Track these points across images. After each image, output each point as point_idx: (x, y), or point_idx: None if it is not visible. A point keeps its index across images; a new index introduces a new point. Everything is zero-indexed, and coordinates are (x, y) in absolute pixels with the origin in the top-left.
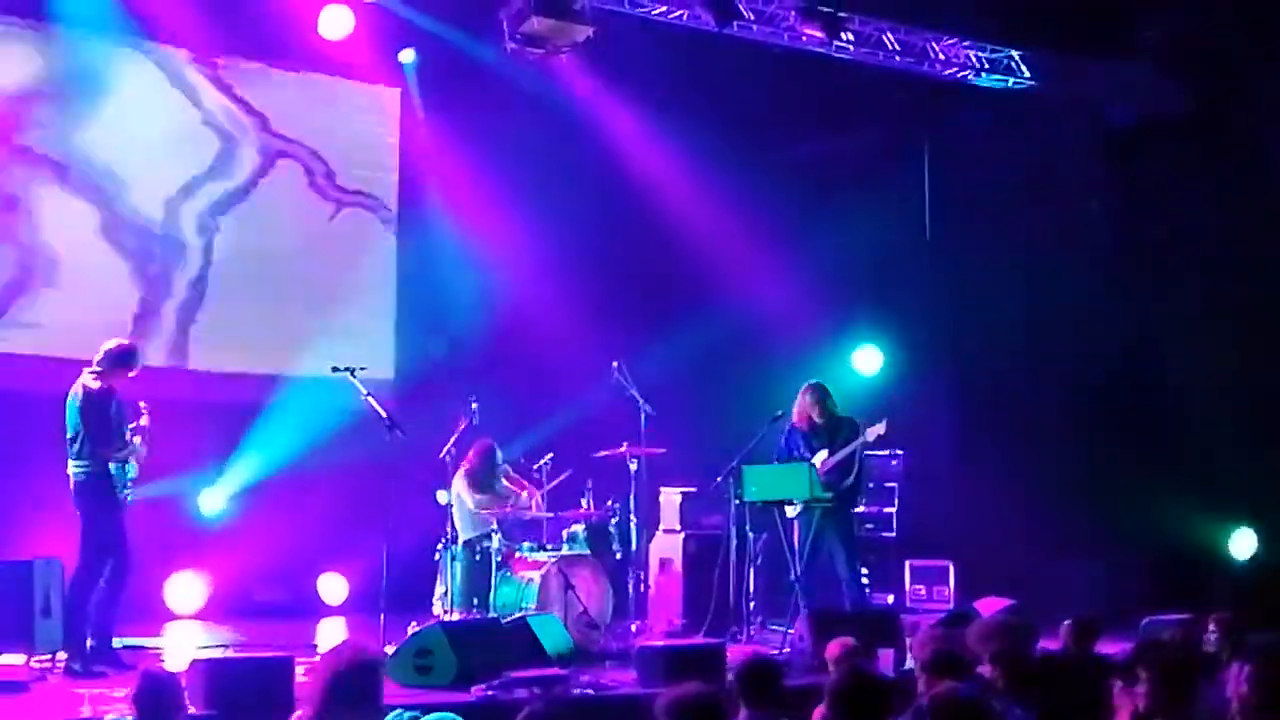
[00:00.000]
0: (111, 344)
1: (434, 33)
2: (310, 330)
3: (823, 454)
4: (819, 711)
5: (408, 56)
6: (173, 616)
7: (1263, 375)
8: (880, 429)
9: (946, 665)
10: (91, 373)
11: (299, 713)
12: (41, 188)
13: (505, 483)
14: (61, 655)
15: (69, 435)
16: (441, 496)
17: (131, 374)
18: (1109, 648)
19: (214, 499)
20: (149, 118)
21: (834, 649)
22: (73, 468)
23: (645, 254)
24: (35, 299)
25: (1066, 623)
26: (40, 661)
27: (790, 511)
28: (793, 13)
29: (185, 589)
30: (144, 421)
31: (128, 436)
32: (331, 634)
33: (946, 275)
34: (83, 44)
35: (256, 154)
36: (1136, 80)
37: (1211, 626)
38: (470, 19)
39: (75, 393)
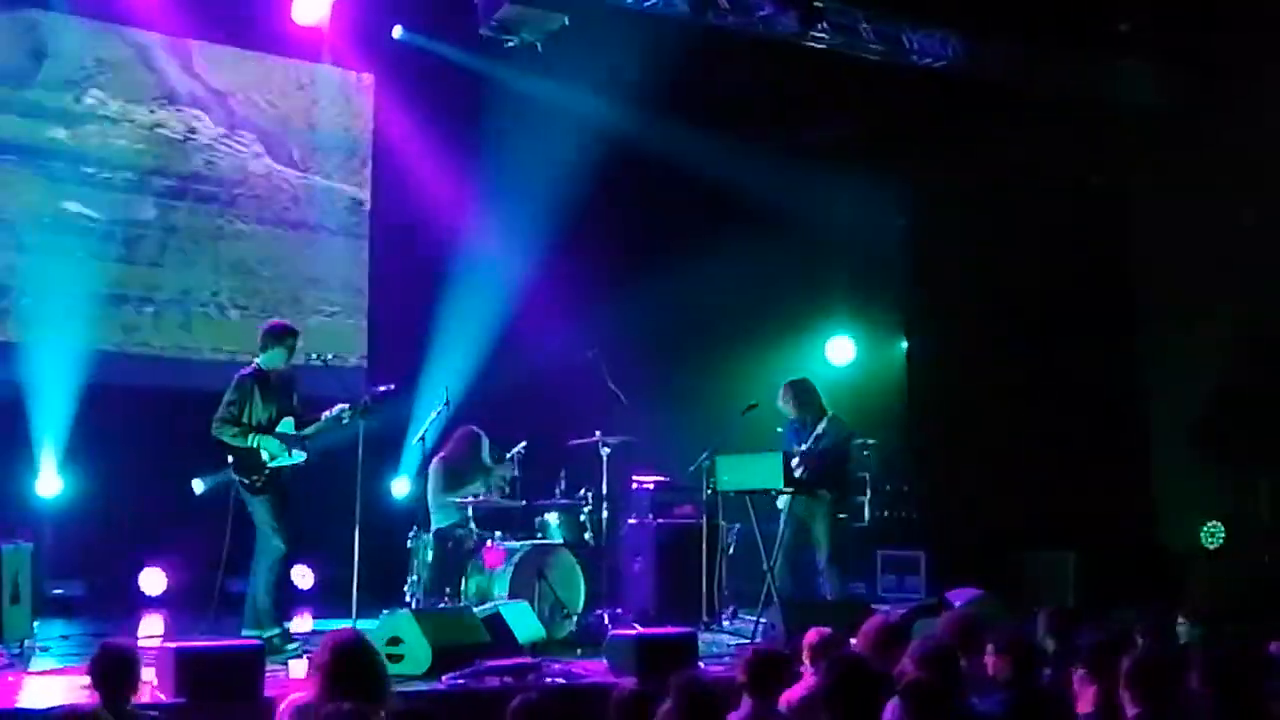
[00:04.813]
0: (267, 324)
1: (408, 19)
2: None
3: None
4: (787, 695)
5: (398, 33)
6: (146, 603)
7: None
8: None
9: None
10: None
11: (295, 695)
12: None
13: (490, 473)
14: (28, 643)
15: None
16: (396, 487)
17: (290, 351)
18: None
19: (197, 483)
20: (121, 100)
21: (812, 638)
22: None
23: (620, 241)
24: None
25: (1042, 613)
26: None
27: (780, 503)
28: (768, 1)
29: (156, 577)
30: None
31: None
32: (300, 622)
33: (922, 265)
34: (54, 24)
35: (227, 139)
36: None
37: (1181, 618)
38: (445, 5)
39: None
